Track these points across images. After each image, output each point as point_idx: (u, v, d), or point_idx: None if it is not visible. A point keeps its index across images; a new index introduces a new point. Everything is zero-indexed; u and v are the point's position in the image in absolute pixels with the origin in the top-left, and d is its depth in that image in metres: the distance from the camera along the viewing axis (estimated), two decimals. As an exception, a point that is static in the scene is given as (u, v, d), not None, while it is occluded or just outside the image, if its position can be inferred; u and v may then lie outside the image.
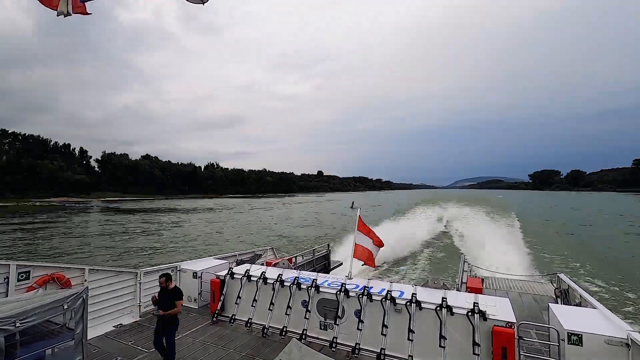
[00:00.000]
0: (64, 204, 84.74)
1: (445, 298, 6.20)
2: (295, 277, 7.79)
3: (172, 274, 6.83)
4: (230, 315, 8.03)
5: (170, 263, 9.90)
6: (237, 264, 10.20)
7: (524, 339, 5.77)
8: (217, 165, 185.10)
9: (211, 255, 11.58)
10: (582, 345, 5.18)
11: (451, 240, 29.94)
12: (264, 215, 59.95)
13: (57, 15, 3.77)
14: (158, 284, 6.17)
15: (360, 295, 6.81)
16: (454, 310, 6.01)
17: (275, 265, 10.00)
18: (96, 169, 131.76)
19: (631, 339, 4.96)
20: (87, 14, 4.38)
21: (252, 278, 8.20)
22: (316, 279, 7.61)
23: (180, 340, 7.06)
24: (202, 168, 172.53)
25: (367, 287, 6.98)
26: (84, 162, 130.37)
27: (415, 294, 6.48)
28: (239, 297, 8.13)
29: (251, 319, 7.74)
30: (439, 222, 40.72)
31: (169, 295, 5.97)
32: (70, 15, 3.88)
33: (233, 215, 59.30)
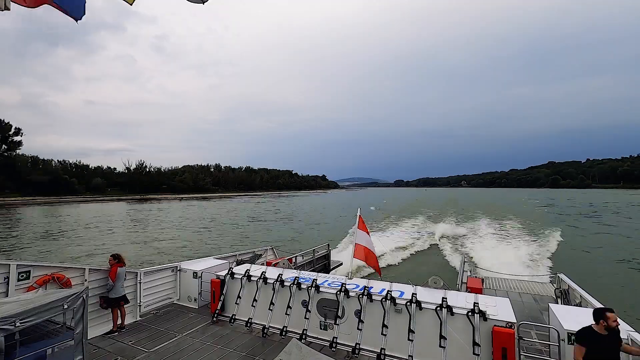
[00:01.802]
0: None
1: (446, 298, 6.19)
2: (296, 277, 7.79)
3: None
4: (230, 315, 8.03)
5: (170, 263, 9.91)
6: (237, 264, 10.20)
7: (524, 339, 5.77)
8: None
9: (211, 256, 11.58)
10: None
11: (451, 240, 29.94)
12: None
13: None
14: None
15: (361, 295, 6.81)
16: (454, 310, 6.01)
17: (275, 265, 9.99)
18: None
19: (631, 339, 4.96)
20: (30, 6, 3.91)
21: (252, 278, 8.20)
22: (316, 279, 7.60)
23: (180, 340, 7.06)
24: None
25: (367, 287, 6.98)
26: None
27: (416, 294, 6.47)
28: (239, 297, 8.13)
29: (251, 319, 7.74)
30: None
31: None
32: (9, 10, 3.64)
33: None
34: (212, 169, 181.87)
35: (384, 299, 6.57)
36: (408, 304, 6.34)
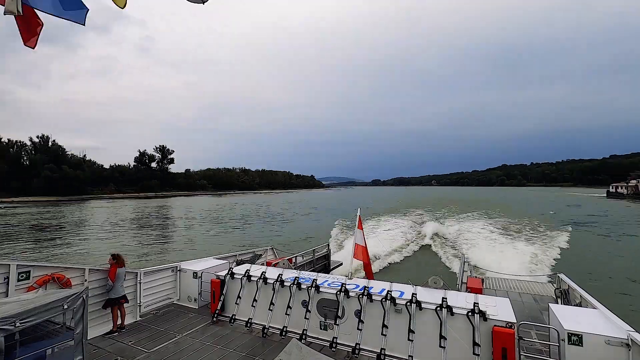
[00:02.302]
0: None
1: (445, 298, 6.19)
2: (296, 277, 7.79)
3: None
4: (230, 315, 8.03)
5: (170, 263, 9.91)
6: (237, 264, 10.20)
7: (524, 339, 5.77)
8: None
9: (211, 255, 11.59)
10: (582, 346, 5.18)
11: (451, 240, 29.93)
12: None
13: (5, 14, 3.57)
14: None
15: (360, 295, 6.81)
16: (454, 310, 6.00)
17: (275, 265, 9.99)
18: None
19: (631, 339, 4.96)
20: (32, 47, 4.19)
21: (252, 278, 8.20)
22: (316, 279, 7.60)
23: (180, 340, 7.06)
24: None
25: (367, 287, 6.98)
26: None
27: (415, 294, 6.47)
28: (239, 297, 8.13)
29: (251, 319, 7.74)
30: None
31: None
32: (21, 14, 3.74)
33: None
34: (238, 170, 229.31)
35: (384, 299, 6.56)
36: (408, 304, 6.34)
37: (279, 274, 7.98)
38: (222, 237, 33.74)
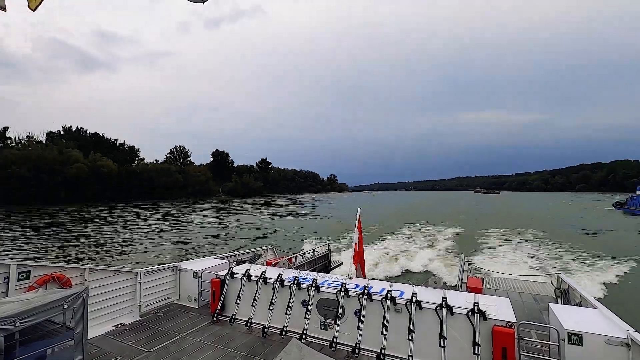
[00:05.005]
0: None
1: (445, 298, 6.20)
2: (296, 276, 7.79)
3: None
4: (230, 315, 8.03)
5: (170, 263, 9.91)
6: (237, 264, 10.21)
7: (524, 339, 5.77)
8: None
9: (211, 255, 11.59)
10: (582, 345, 5.18)
11: (451, 239, 29.92)
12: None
13: None
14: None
15: (360, 295, 6.81)
16: (454, 310, 6.01)
17: (275, 265, 10.00)
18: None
19: (631, 338, 4.96)
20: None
21: (252, 278, 8.20)
22: (316, 279, 7.61)
23: (180, 340, 7.06)
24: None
25: (367, 286, 6.98)
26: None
27: (416, 293, 6.48)
28: (239, 297, 8.13)
29: (251, 318, 7.74)
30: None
31: None
32: (5, 11, 3.71)
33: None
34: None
35: (384, 299, 6.56)
36: (408, 303, 6.35)
37: (279, 274, 7.98)
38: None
